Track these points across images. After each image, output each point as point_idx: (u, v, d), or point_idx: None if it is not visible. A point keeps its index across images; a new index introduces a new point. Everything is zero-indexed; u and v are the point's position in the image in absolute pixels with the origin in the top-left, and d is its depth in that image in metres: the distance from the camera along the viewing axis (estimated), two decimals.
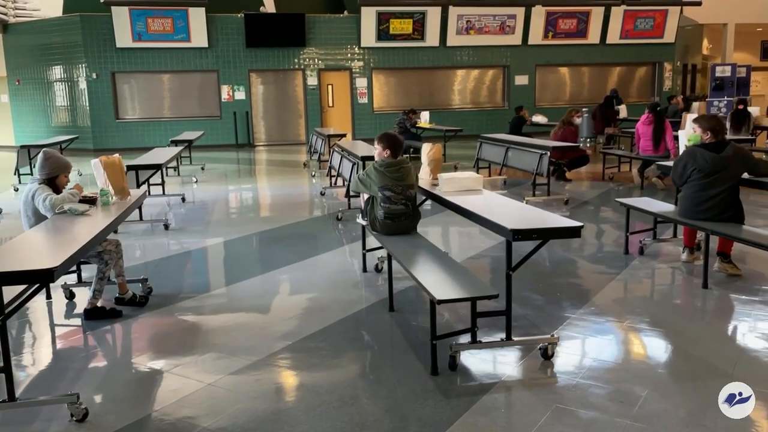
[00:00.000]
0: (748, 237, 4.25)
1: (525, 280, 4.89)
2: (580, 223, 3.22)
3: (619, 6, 19.43)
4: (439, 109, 19.35)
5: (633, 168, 10.02)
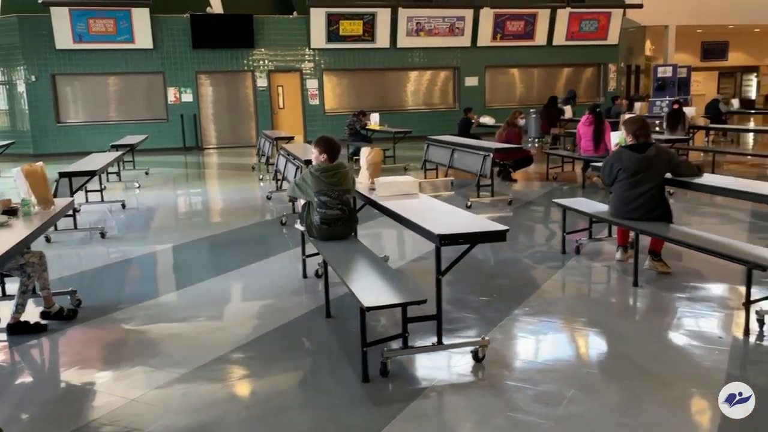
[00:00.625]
0: (674, 236, 4.37)
1: (464, 281, 4.93)
2: (505, 227, 3.26)
3: (565, 8, 19.85)
4: (392, 111, 19.39)
5: (576, 168, 10.25)
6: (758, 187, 4.37)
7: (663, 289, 4.65)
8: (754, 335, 3.70)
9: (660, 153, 4.80)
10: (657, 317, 4.19)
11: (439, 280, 3.32)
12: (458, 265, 3.41)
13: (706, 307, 4.24)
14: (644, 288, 4.66)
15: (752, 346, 3.62)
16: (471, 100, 19.52)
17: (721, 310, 4.13)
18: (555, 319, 4.09)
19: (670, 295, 4.51)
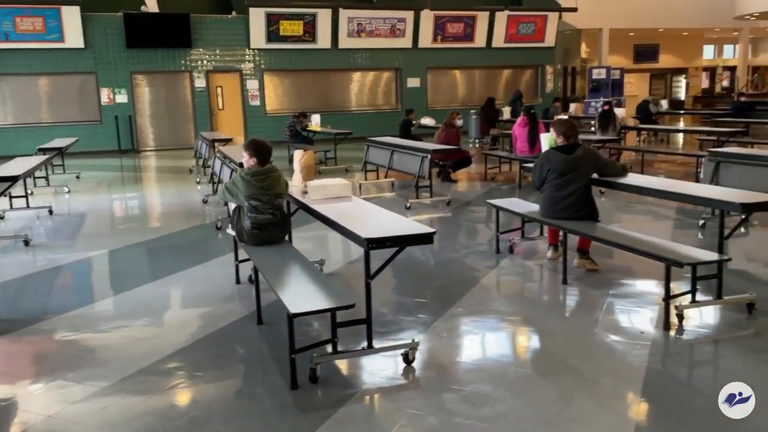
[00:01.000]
0: (599, 234, 4.50)
1: (399, 283, 4.95)
2: (432, 230, 3.28)
3: (503, 11, 20.22)
4: (335, 112, 19.35)
5: (514, 168, 10.44)
6: (677, 187, 4.54)
7: (590, 286, 4.78)
8: (674, 330, 3.84)
9: (587, 154, 4.94)
10: (584, 314, 4.31)
11: (368, 284, 3.32)
12: (395, 267, 3.43)
13: (630, 303, 4.38)
14: (573, 285, 4.78)
15: (672, 340, 3.75)
16: (413, 101, 19.67)
17: (644, 306, 4.27)
18: (486, 319, 4.15)
19: (596, 292, 4.64)
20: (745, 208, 3.72)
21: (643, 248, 4.02)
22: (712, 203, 3.94)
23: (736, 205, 3.73)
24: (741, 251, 5.71)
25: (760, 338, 3.73)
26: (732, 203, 3.77)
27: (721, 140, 9.59)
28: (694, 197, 4.08)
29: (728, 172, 6.25)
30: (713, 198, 3.93)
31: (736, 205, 3.73)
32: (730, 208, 3.80)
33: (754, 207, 3.75)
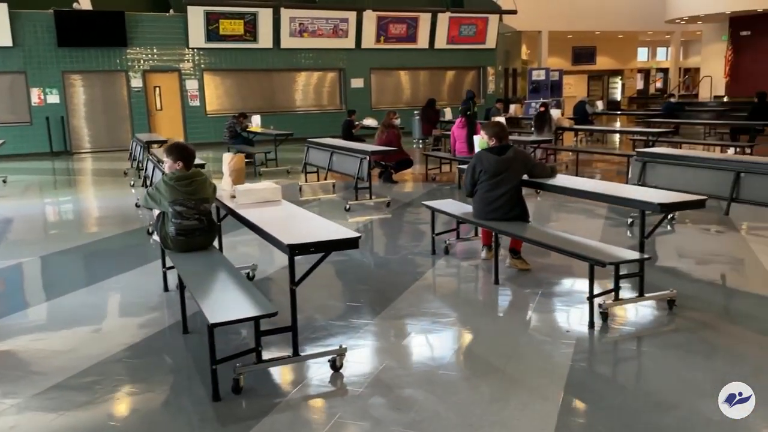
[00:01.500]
0: (528, 235, 4.56)
1: (333, 287, 4.90)
2: (357, 234, 3.25)
3: (445, 13, 20.42)
4: (280, 112, 19.16)
5: (454, 168, 10.53)
6: (602, 188, 4.64)
7: (521, 285, 4.85)
8: (598, 328, 3.92)
9: (518, 155, 5.01)
10: (513, 314, 4.36)
11: (293, 291, 3.26)
12: (330, 271, 3.39)
13: (559, 302, 4.47)
14: (504, 286, 4.84)
15: (596, 339, 3.83)
16: (357, 102, 19.66)
17: (571, 305, 4.35)
18: (418, 321, 4.15)
19: (527, 292, 4.71)
20: (664, 207, 3.84)
21: (569, 248, 4.10)
22: (633, 203, 4.05)
23: (655, 205, 3.85)
24: (667, 248, 5.92)
25: (681, 334, 3.85)
26: (651, 203, 3.88)
27: (651, 140, 9.92)
28: (617, 198, 4.19)
29: (654, 172, 6.46)
30: (634, 198, 4.04)
31: (655, 205, 3.85)
32: (650, 208, 3.92)
33: (671, 207, 3.87)
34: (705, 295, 4.57)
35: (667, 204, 3.85)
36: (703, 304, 4.34)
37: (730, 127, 12.22)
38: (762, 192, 5.48)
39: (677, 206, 3.95)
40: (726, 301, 4.52)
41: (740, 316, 4.15)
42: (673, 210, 3.91)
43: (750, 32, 21.20)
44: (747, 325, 3.97)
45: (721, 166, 5.79)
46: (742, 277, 5.04)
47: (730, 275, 5.11)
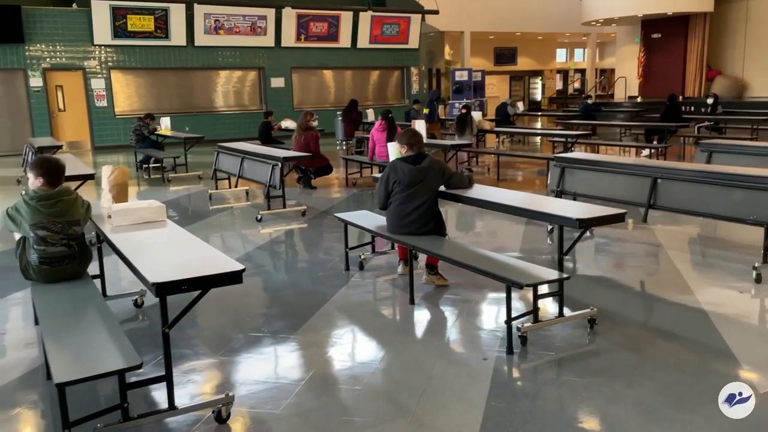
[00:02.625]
0: (442, 252, 4.23)
1: (229, 314, 4.41)
2: (241, 267, 2.79)
3: (366, 12, 20.08)
4: (197, 113, 18.33)
5: (375, 172, 10.17)
6: (519, 201, 4.35)
7: (438, 305, 4.53)
8: (518, 353, 3.64)
9: (434, 165, 4.68)
10: (427, 340, 4.01)
11: (166, 335, 2.78)
12: (228, 292, 2.92)
13: (476, 325, 4.17)
14: (420, 305, 4.50)
15: (515, 367, 3.54)
16: (278, 102, 19.07)
17: (489, 327, 4.06)
18: (321, 354, 3.74)
19: (443, 313, 4.39)
20: (582, 223, 3.59)
21: (485, 267, 3.80)
22: (551, 219, 3.80)
23: (573, 221, 3.60)
24: (586, 259, 5.76)
25: (602, 358, 3.61)
26: (570, 219, 3.63)
27: (569, 142, 9.91)
28: (535, 212, 3.92)
29: (573, 178, 6.30)
30: (552, 213, 3.78)
31: (573, 221, 3.60)
32: (568, 224, 3.67)
33: (590, 222, 3.64)
34: (626, 309, 4.39)
35: (586, 219, 3.61)
36: (623, 319, 4.14)
37: (644, 128, 12.45)
38: (678, 198, 5.39)
39: (596, 221, 3.73)
40: (646, 316, 4.34)
41: (660, 332, 3.96)
42: (591, 225, 3.68)
43: (660, 34, 21.97)
44: (668, 343, 3.78)
45: (638, 172, 5.68)
46: (660, 286, 4.90)
47: (650, 285, 4.97)
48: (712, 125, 13.54)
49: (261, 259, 6.01)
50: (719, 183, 5.04)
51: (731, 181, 4.97)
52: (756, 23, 20.62)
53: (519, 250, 5.86)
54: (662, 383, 3.25)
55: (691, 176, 5.27)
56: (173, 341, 3.07)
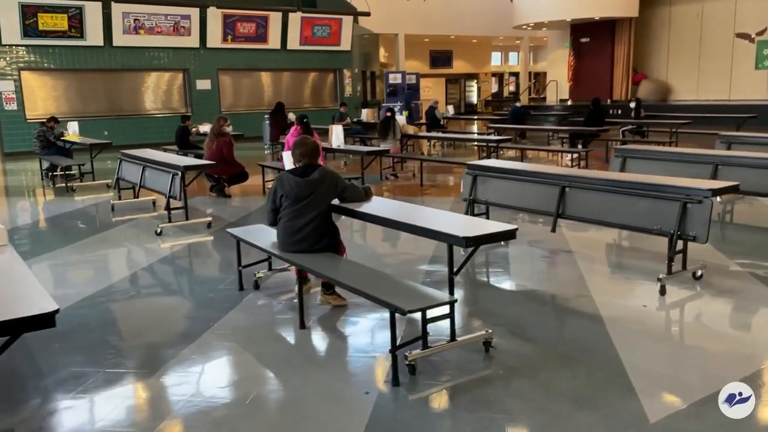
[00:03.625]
0: (331, 273, 3.89)
1: (94, 344, 3.93)
2: (55, 308, 2.36)
3: (296, 12, 19.62)
4: (116, 116, 17.48)
5: None
6: (411, 217, 4.02)
7: (330, 330, 4.19)
8: (404, 385, 3.33)
9: (326, 177, 4.32)
10: (310, 371, 3.63)
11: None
12: (101, 316, 2.49)
13: (365, 351, 3.84)
14: (313, 329, 4.15)
15: (400, 400, 3.23)
16: (205, 105, 18.43)
17: (378, 355, 3.74)
18: (192, 397, 3.33)
19: (333, 338, 4.06)
20: (470, 242, 3.32)
21: (369, 290, 3.47)
22: (438, 236, 3.51)
23: (460, 239, 3.31)
24: (489, 272, 5.54)
25: (494, 386, 3.33)
26: (456, 237, 3.35)
27: (491, 146, 9.76)
28: (422, 229, 3.62)
29: (485, 186, 6.09)
30: (439, 231, 3.49)
31: (460, 239, 3.31)
32: (455, 242, 3.38)
33: (478, 241, 3.37)
34: (526, 326, 4.16)
35: (473, 238, 3.33)
36: (522, 339, 3.90)
37: (569, 132, 12.48)
38: (586, 207, 5.23)
39: (484, 239, 3.46)
40: (545, 334, 4.09)
41: (558, 354, 3.73)
42: (480, 244, 3.41)
43: (589, 39, 22.37)
44: (564, 367, 3.55)
45: (547, 181, 5.50)
46: (565, 300, 4.71)
47: (554, 299, 4.76)
48: (635, 129, 13.73)
49: (148, 278, 5.53)
50: (624, 192, 4.90)
51: (635, 190, 4.83)
52: (678, 28, 21.27)
53: (428, 262, 5.58)
54: (552, 416, 3.00)
55: (598, 185, 5.11)
56: (18, 380, 2.62)
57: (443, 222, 3.84)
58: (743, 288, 4.74)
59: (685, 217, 4.53)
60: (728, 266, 5.36)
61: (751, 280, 4.89)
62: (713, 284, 4.84)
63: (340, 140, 9.00)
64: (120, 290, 5.12)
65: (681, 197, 4.54)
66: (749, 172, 6.10)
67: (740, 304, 4.47)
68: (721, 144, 8.14)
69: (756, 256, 5.74)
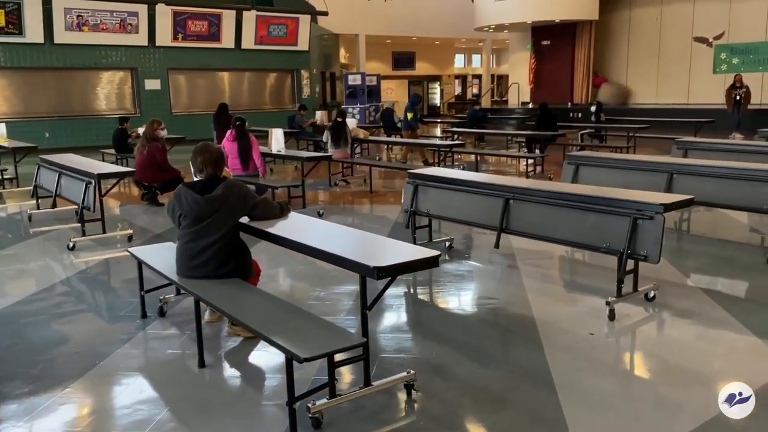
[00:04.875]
0: (229, 308, 3.32)
1: None
2: None
3: (250, 11, 18.94)
4: (59, 118, 16.62)
5: None
6: (327, 244, 3.46)
7: (233, 368, 3.64)
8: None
9: (231, 192, 3.75)
10: (193, 426, 3.08)
11: None
12: None
13: (268, 401, 3.28)
14: (210, 369, 3.59)
15: None
16: (154, 106, 17.68)
17: (278, 401, 3.19)
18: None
19: (232, 382, 3.51)
20: (381, 273, 2.80)
21: (266, 331, 2.93)
22: (349, 265, 2.98)
23: (371, 270, 2.79)
24: (421, 298, 5.04)
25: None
26: (367, 267, 2.82)
27: (441, 153, 9.30)
28: (334, 256, 3.08)
29: (426, 197, 5.61)
30: (350, 259, 2.96)
31: (371, 270, 2.79)
32: (366, 272, 2.86)
33: (391, 271, 2.85)
34: (458, 362, 3.66)
35: (386, 268, 2.82)
36: (451, 378, 3.40)
37: (525, 137, 12.12)
38: (531, 221, 4.78)
39: (399, 270, 2.95)
40: (479, 372, 3.57)
41: (490, 397, 3.24)
42: (395, 275, 2.90)
43: (550, 41, 22.18)
44: (494, 414, 3.07)
45: (490, 192, 5.03)
46: (505, 330, 4.23)
47: (493, 328, 4.28)
48: (594, 132, 13.45)
49: (44, 302, 4.87)
50: (570, 206, 4.46)
51: (582, 204, 4.39)
52: (638, 32, 21.21)
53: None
54: None
55: (543, 198, 4.66)
56: None
57: (356, 247, 3.32)
58: (699, 311, 4.33)
59: (636, 234, 4.10)
60: (684, 283, 4.96)
61: (708, 302, 4.49)
62: (667, 305, 4.43)
63: (280, 145, 8.43)
64: (5, 317, 4.49)
65: (631, 212, 4.11)
66: (705, 181, 5.73)
67: (696, 331, 4.05)
68: (678, 150, 7.82)
69: (713, 272, 5.38)
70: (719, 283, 5.04)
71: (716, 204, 5.80)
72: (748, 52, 18.81)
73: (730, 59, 19.25)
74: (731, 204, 5.65)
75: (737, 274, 5.36)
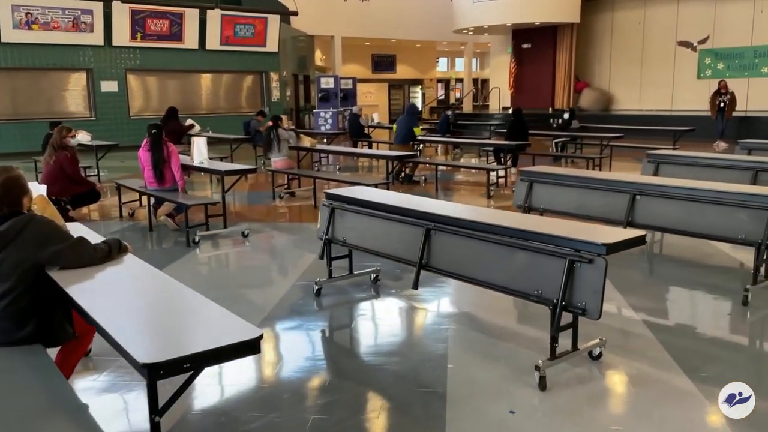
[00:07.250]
0: None
1: None
2: None
3: (214, 10, 18.01)
4: (5, 121, 15.65)
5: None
6: (119, 321, 2.53)
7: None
8: None
9: (26, 231, 2.78)
10: None
11: None
12: None
13: None
14: None
15: None
16: (111, 109, 16.78)
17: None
18: None
19: None
20: (156, 370, 1.89)
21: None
22: (128, 359, 2.06)
23: (141, 368, 1.88)
24: (304, 369, 4.14)
25: None
26: (137, 362, 1.91)
27: (395, 166, 8.40)
28: (115, 344, 2.17)
29: (342, 222, 4.71)
30: (131, 356, 2.03)
31: (141, 368, 1.88)
32: (137, 369, 1.96)
33: (200, 361, 1.92)
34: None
35: (193, 357, 1.90)
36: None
37: (493, 147, 11.24)
38: (451, 258, 3.88)
39: (214, 358, 1.98)
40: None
41: None
42: (200, 366, 1.98)
43: (530, 45, 21.38)
44: None
45: (410, 220, 4.14)
46: (407, 405, 3.35)
47: (396, 408, 3.39)
48: (569, 141, 12.61)
49: None
50: (494, 240, 3.56)
51: (510, 239, 3.50)
52: (621, 35, 20.43)
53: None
54: None
55: (464, 227, 3.76)
56: None
57: (157, 325, 2.40)
58: (656, 378, 3.43)
59: (572, 280, 3.21)
60: (641, 334, 4.06)
61: (668, 363, 3.59)
62: (614, 367, 3.54)
63: (203, 155, 7.50)
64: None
65: (567, 253, 3.23)
66: (672, 205, 4.87)
67: (649, 411, 3.15)
68: (649, 163, 6.96)
69: (681, 315, 4.50)
70: (686, 331, 4.17)
71: (684, 232, 4.92)
72: (733, 57, 18.06)
73: (715, 64, 18.49)
74: (702, 232, 4.77)
75: (708, 319, 4.48)
